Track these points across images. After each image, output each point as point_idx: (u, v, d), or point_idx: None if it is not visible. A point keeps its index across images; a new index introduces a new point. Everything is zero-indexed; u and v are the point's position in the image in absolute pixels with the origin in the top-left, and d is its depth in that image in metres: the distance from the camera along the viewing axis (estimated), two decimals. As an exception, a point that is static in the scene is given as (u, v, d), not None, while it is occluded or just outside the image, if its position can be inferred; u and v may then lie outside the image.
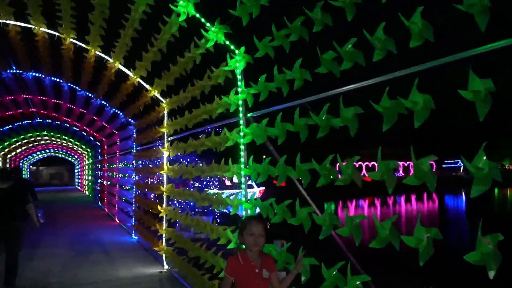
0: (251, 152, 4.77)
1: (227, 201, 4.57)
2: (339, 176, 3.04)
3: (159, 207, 7.67)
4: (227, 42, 4.56)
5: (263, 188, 40.73)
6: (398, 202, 42.41)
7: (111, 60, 7.65)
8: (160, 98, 7.78)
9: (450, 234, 20.59)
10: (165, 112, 7.83)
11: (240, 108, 4.41)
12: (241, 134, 4.37)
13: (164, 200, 7.77)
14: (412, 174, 2.49)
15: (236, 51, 4.49)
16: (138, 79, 7.82)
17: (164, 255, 7.66)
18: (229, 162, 4.71)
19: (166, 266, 7.70)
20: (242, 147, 4.37)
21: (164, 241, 7.70)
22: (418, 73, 2.58)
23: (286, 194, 4.05)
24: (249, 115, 4.38)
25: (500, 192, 54.31)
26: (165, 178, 7.77)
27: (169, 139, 7.81)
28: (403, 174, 70.28)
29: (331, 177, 3.16)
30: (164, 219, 7.72)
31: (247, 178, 4.37)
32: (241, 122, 4.39)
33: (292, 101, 3.93)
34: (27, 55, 9.31)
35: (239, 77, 4.44)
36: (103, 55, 7.66)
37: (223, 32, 4.55)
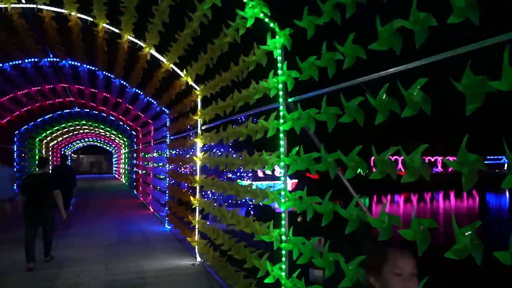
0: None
1: (269, 193, 4.19)
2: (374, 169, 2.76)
3: (191, 198, 7.41)
4: (266, 20, 4.15)
5: (296, 180, 40.23)
6: (436, 199, 40.84)
7: (143, 46, 7.40)
8: (194, 85, 7.48)
9: (489, 234, 19.40)
10: (199, 100, 7.54)
11: (280, 93, 4.00)
12: (281, 121, 3.96)
13: (197, 190, 7.50)
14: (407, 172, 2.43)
15: (276, 30, 4.07)
16: (172, 66, 7.54)
17: (196, 247, 7.42)
18: (263, 153, 4.32)
19: (198, 259, 7.46)
20: (281, 135, 3.97)
21: (197, 233, 7.44)
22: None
23: (319, 187, 3.78)
24: (290, 99, 3.96)
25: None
26: (198, 168, 7.49)
27: (203, 127, 7.52)
28: (441, 170, 67.57)
29: (359, 169, 3.00)
30: (197, 211, 7.46)
31: (285, 169, 3.97)
32: (281, 107, 3.98)
33: (333, 85, 3.52)
34: (61, 43, 9.25)
35: (279, 58, 4.02)
36: (136, 41, 7.42)
37: (261, 9, 4.14)
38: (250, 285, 5.01)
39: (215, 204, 6.74)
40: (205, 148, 12.20)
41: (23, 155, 21.68)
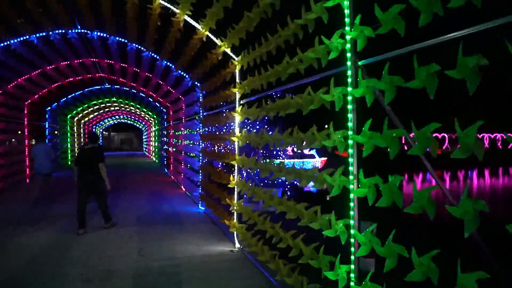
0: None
1: (326, 178, 3.49)
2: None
3: (231, 179, 6.81)
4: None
5: (325, 158, 39.26)
6: (470, 177, 39.09)
7: (177, 11, 6.70)
8: (232, 54, 6.77)
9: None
10: (237, 71, 6.83)
11: (348, 54, 3.24)
12: (349, 89, 3.21)
13: (236, 171, 6.89)
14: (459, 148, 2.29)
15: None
16: (207, 33, 6.83)
17: (235, 232, 6.85)
18: (328, 129, 3.60)
19: (237, 245, 6.89)
20: (350, 106, 3.23)
21: (235, 217, 6.86)
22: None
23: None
24: (360, 63, 3.20)
25: None
26: (236, 146, 6.85)
27: (241, 102, 6.84)
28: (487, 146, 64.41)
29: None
30: (236, 192, 6.86)
31: (354, 148, 3.24)
32: (349, 72, 3.23)
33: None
34: (90, 12, 8.69)
35: (346, 11, 3.24)
36: (169, 5, 6.73)
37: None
38: (295, 274, 4.41)
39: (250, 185, 6.13)
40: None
41: (55, 132, 21.69)
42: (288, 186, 12.91)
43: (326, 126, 3.74)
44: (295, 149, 16.25)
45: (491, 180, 37.85)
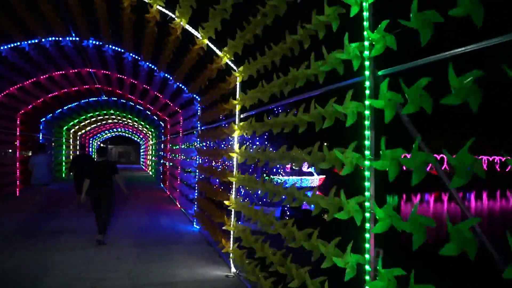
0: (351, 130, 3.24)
1: (345, 205, 3.03)
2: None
3: (230, 199, 6.34)
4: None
5: (323, 176, 38.70)
6: (468, 199, 38.60)
7: (175, 18, 6.33)
8: (232, 65, 6.38)
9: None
10: (237, 83, 6.44)
11: (366, 63, 2.83)
12: (367, 103, 2.79)
13: (234, 190, 6.43)
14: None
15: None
16: (207, 42, 6.45)
17: (231, 256, 6.35)
18: (346, 149, 3.17)
19: (233, 269, 6.39)
20: (367, 122, 2.80)
21: (232, 239, 6.37)
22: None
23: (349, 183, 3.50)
24: (380, 72, 2.79)
25: None
26: (235, 163, 6.41)
27: (242, 115, 6.42)
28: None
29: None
30: (233, 214, 6.39)
31: (371, 171, 2.80)
32: (367, 83, 2.81)
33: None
34: (85, 20, 8.33)
35: (365, 14, 2.84)
36: (167, 12, 6.36)
37: None
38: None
39: (249, 205, 5.68)
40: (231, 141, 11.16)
41: (52, 144, 21.20)
42: (288, 205, 12.42)
43: (326, 144, 3.33)
44: (294, 167, 15.82)
45: (489, 202, 37.41)
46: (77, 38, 9.15)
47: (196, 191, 10.22)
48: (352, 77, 3.13)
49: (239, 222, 6.36)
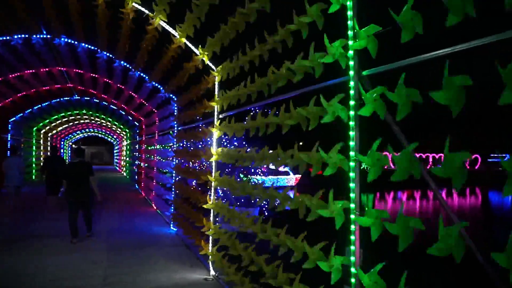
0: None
1: (331, 206, 2.99)
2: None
3: (207, 199, 6.25)
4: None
5: (299, 175, 38.89)
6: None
7: (152, 16, 6.18)
8: (210, 64, 6.28)
9: (490, 233, 18.10)
10: (216, 83, 6.34)
11: (351, 63, 2.80)
12: (352, 103, 2.76)
13: (213, 191, 6.33)
14: (442, 166, 2.16)
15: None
16: (185, 40, 6.33)
17: (210, 258, 6.25)
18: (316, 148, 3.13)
19: (212, 272, 6.29)
20: (352, 123, 2.77)
21: (211, 242, 6.27)
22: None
23: (324, 182, 3.62)
24: (364, 73, 2.76)
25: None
26: (213, 164, 6.31)
27: (220, 116, 6.33)
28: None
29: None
30: (212, 215, 6.29)
31: (356, 170, 2.77)
32: (352, 83, 2.78)
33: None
34: (57, 16, 8.06)
35: (349, 13, 2.81)
36: (143, 9, 6.20)
37: None
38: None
39: (230, 207, 5.61)
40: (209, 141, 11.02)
41: (22, 145, 20.49)
42: (266, 206, 12.39)
43: (301, 143, 3.31)
44: (271, 166, 15.78)
45: (459, 199, 38.39)
46: (49, 36, 8.85)
47: (173, 192, 10.06)
48: (335, 78, 3.10)
49: (221, 224, 6.25)
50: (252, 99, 4.66)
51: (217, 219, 6.48)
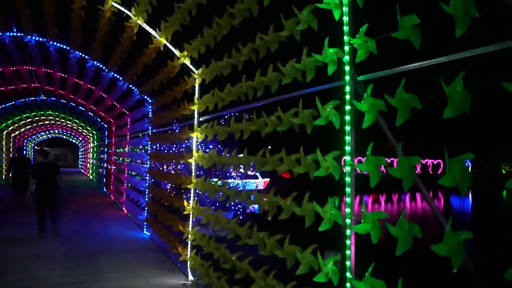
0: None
1: (317, 209, 2.99)
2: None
3: (185, 204, 6.15)
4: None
5: (268, 179, 38.99)
6: (403, 200, 40.62)
7: (132, 16, 6.05)
8: (191, 67, 6.21)
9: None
10: (196, 85, 6.27)
11: (346, 68, 2.82)
12: (347, 108, 2.78)
13: (192, 194, 6.24)
14: (446, 174, 2.11)
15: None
16: (165, 42, 6.23)
17: (189, 263, 6.15)
18: (312, 151, 3.14)
19: (190, 277, 6.18)
20: (348, 128, 2.79)
21: (189, 246, 6.17)
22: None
23: (291, 186, 3.59)
24: (360, 78, 2.79)
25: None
26: (193, 167, 6.23)
27: (200, 119, 6.26)
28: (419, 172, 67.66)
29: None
30: (191, 219, 6.20)
31: (352, 175, 2.79)
32: (348, 88, 2.80)
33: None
34: (29, 14, 7.76)
35: (344, 18, 2.83)
36: (122, 9, 6.06)
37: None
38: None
39: (206, 211, 5.57)
40: (188, 144, 10.88)
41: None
42: (241, 210, 12.34)
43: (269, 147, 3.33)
44: (242, 169, 15.78)
45: (422, 203, 39.50)
46: (19, 34, 8.50)
47: (146, 196, 9.85)
48: (328, 82, 3.12)
49: (198, 227, 6.17)
50: (237, 102, 4.63)
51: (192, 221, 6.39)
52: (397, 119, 2.34)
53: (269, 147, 3.81)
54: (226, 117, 13.10)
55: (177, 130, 8.61)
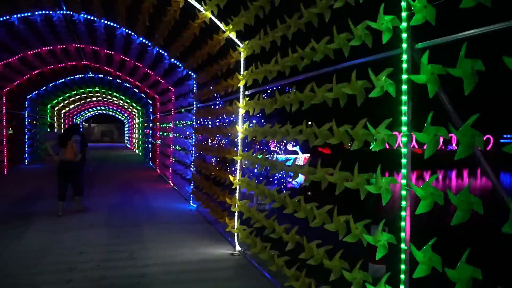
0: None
1: (373, 182, 2.96)
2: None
3: (231, 178, 6.26)
4: None
5: (308, 155, 38.81)
6: (449, 177, 39.31)
7: None
8: (237, 40, 6.19)
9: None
10: (242, 59, 6.26)
11: (404, 35, 2.71)
12: (404, 77, 2.69)
13: (238, 168, 6.33)
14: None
15: None
16: (210, 15, 6.22)
17: (236, 235, 6.30)
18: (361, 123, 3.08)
19: (238, 248, 6.34)
20: (404, 97, 2.70)
21: (236, 218, 6.30)
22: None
23: (332, 162, 3.66)
24: (418, 45, 2.68)
25: None
26: (239, 141, 6.29)
27: (246, 92, 6.27)
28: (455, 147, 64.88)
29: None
30: (237, 192, 6.30)
31: (408, 146, 2.73)
32: (405, 56, 2.70)
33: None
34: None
35: (402, -17, 2.71)
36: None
37: None
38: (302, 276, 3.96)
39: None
40: (231, 119, 10.94)
41: (34, 121, 20.64)
42: (284, 184, 12.41)
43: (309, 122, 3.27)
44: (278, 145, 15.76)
45: (469, 179, 38.09)
46: (69, 12, 8.76)
47: (192, 169, 10.08)
48: (382, 51, 3.02)
49: (248, 200, 6.27)
50: (286, 74, 4.59)
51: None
52: (464, 88, 2.23)
53: (309, 122, 3.80)
54: (268, 91, 13.05)
55: (220, 105, 8.69)
